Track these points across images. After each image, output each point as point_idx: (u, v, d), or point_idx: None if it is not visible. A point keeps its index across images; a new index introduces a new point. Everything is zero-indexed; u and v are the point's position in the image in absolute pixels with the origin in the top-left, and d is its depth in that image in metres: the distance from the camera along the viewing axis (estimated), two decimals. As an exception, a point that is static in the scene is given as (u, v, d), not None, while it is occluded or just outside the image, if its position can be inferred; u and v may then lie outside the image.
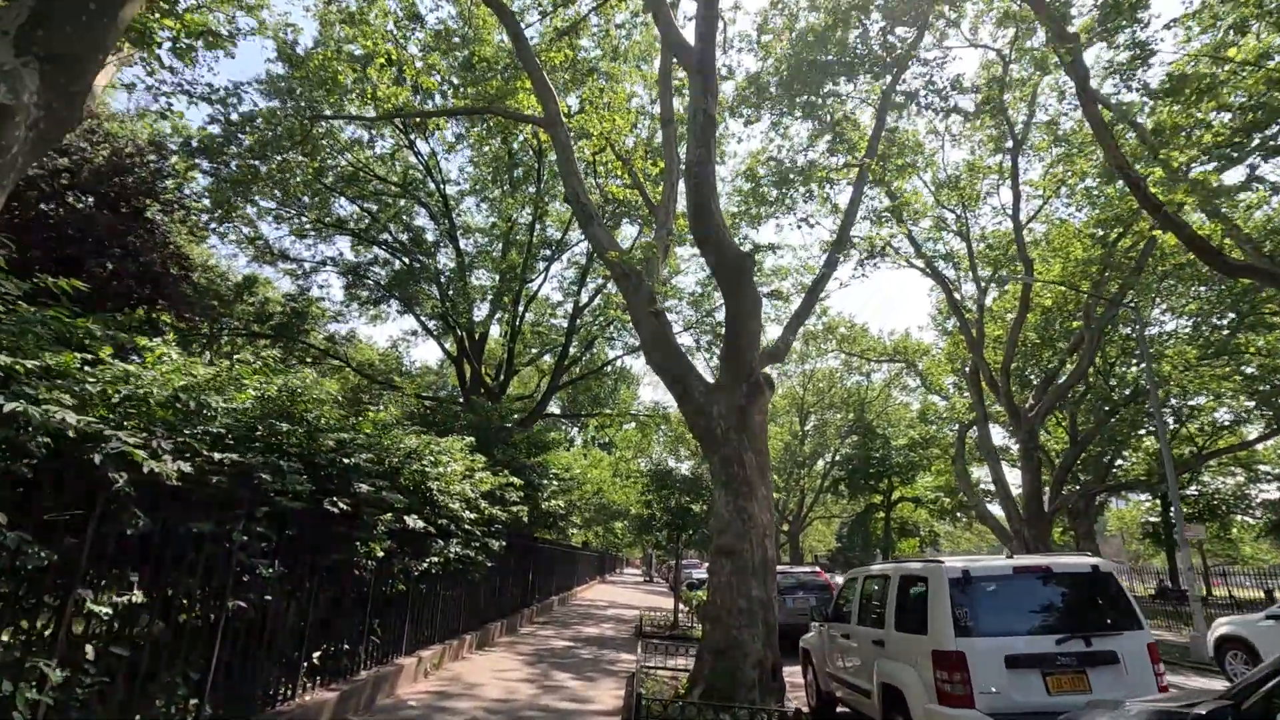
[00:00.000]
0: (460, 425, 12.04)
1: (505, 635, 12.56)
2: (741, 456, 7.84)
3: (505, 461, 11.40)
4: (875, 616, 6.18)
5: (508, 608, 13.44)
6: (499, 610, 12.70)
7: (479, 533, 9.53)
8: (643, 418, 28.98)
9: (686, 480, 15.51)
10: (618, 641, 13.29)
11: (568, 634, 13.98)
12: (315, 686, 5.78)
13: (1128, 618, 4.99)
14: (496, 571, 12.25)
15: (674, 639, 14.08)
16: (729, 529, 7.60)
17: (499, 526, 10.56)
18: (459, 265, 26.22)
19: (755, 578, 7.40)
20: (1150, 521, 41.96)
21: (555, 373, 28.28)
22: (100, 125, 18.49)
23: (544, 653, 11.05)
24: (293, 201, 26.07)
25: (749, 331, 8.25)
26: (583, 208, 10.52)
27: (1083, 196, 21.71)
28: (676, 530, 15.57)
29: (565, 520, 15.14)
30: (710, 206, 8.43)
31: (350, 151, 25.93)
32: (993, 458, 22.38)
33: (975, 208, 23.55)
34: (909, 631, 5.41)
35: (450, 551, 8.41)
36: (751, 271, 8.40)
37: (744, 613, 7.26)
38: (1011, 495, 22.03)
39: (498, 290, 26.07)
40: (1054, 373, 22.46)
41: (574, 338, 28.93)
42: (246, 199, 24.95)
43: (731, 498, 7.72)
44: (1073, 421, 24.84)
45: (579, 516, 28.51)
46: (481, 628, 11.13)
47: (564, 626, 15.40)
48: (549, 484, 12.48)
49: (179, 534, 3.94)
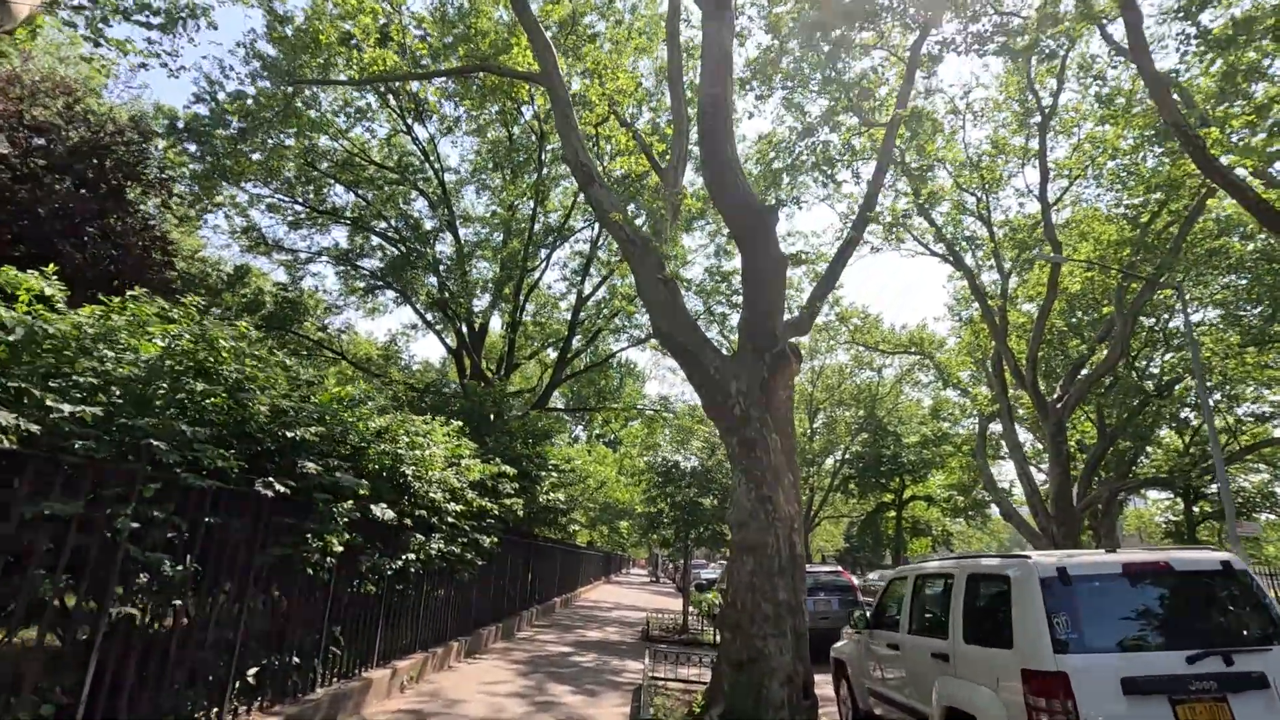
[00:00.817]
0: (452, 410, 11.04)
1: (500, 640, 11.53)
2: (764, 438, 6.79)
3: (499, 450, 10.37)
4: (934, 624, 5.11)
5: (504, 610, 12.42)
6: (494, 613, 11.68)
7: (467, 527, 8.51)
8: (649, 412, 27.94)
9: (695, 474, 14.45)
10: (622, 647, 12.25)
11: (569, 638, 12.94)
12: (251, 709, 4.75)
13: (1276, 629, 3.91)
14: (491, 571, 11.23)
15: (684, 644, 13.03)
16: (751, 522, 6.54)
17: (491, 521, 9.53)
18: (458, 253, 25.25)
19: (782, 578, 6.34)
20: (1172, 520, 40.62)
21: (558, 365, 27.24)
22: (78, 103, 17.48)
23: (541, 661, 10.00)
24: (285, 187, 25.20)
25: (771, 294, 7.20)
26: (582, 168, 9.48)
27: (1112, 177, 20.58)
28: (684, 528, 14.51)
29: (567, 516, 14.10)
30: (727, 151, 7.38)
31: (345, 137, 25.03)
32: (1017, 451, 21.23)
33: (997, 190, 22.44)
34: (984, 644, 4.34)
35: (432, 548, 7.39)
36: (774, 225, 7.34)
37: (769, 619, 6.20)
38: (1038, 490, 20.88)
39: (498, 280, 25.10)
40: (1081, 362, 21.29)
41: (577, 330, 27.93)
42: (237, 183, 24.10)
43: (753, 486, 6.67)
44: (1100, 414, 23.63)
45: (583, 514, 27.47)
46: (472, 632, 10.10)
47: (565, 630, 14.36)
48: (547, 476, 11.43)
49: (25, 519, 2.91)
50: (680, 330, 7.83)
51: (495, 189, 27.02)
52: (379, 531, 6.30)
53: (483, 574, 10.78)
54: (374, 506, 5.80)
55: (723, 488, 14.31)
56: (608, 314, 28.56)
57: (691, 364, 7.59)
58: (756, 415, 6.90)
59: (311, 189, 25.93)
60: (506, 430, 11.73)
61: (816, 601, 11.88)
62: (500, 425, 11.75)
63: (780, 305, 7.29)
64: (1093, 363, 21.20)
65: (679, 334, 7.80)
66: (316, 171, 24.80)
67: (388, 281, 23.68)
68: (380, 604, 6.75)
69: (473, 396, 12.17)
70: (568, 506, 13.96)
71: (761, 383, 6.99)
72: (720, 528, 14.55)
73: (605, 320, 28.50)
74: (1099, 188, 21.29)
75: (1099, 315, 22.05)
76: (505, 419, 11.92)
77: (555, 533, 17.76)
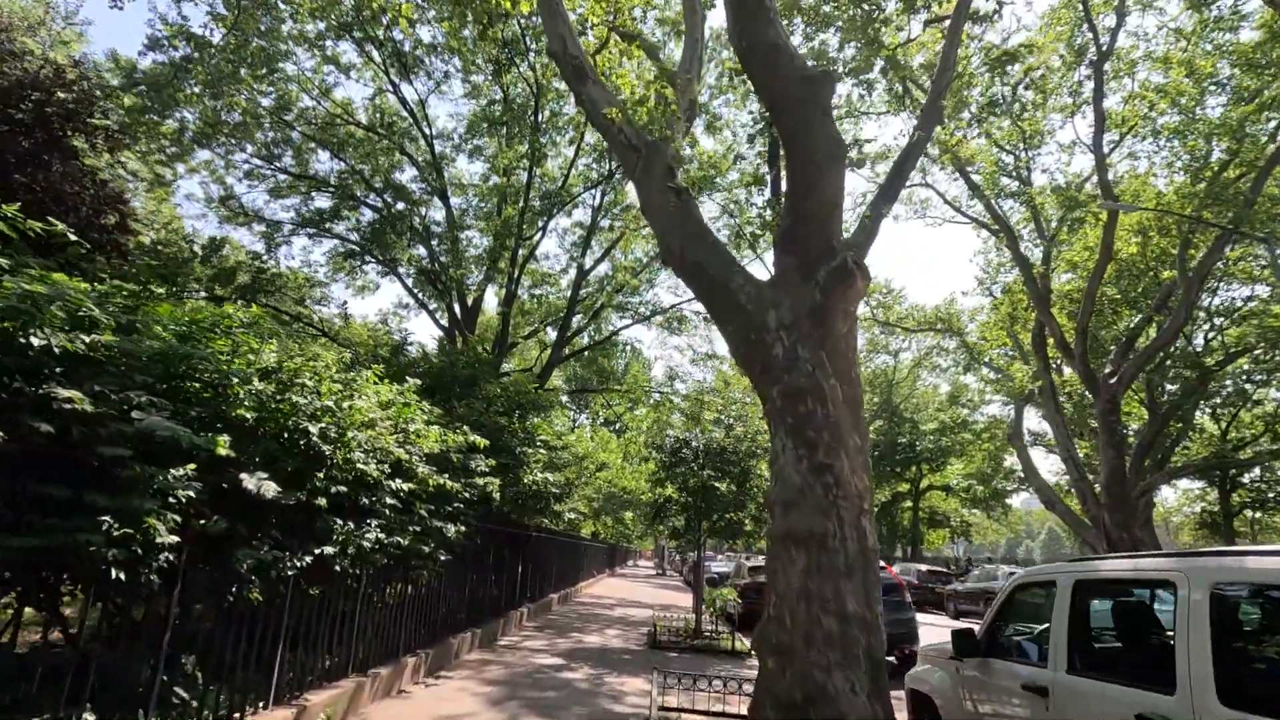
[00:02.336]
0: (418, 373, 9.16)
1: (476, 650, 9.65)
2: (819, 385, 4.81)
3: (471, 420, 8.47)
4: (1128, 662, 3.17)
5: (485, 612, 10.54)
6: (471, 616, 9.81)
7: (424, 512, 6.60)
8: (656, 395, 26.04)
9: (708, 453, 12.51)
10: (625, 656, 10.35)
11: (562, 645, 11.06)
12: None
13: None
14: (465, 566, 9.35)
15: (697, 651, 11.13)
16: (801, 502, 4.57)
17: (460, 506, 7.63)
18: (449, 220, 23.33)
19: (849, 580, 4.37)
20: (1208, 510, 38.47)
21: (557, 344, 25.34)
22: (12, 39, 15.46)
23: (522, 679, 8.10)
24: (263, 151, 23.32)
25: (827, 185, 5.22)
26: (571, 60, 7.49)
27: (1171, 130, 18.45)
28: (696, 516, 12.59)
29: (560, 502, 12.21)
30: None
31: (327, 98, 23.09)
32: (1062, 432, 19.21)
33: (1039, 145, 20.33)
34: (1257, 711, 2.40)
35: (368, 538, 5.48)
36: (828, 99, 5.35)
37: (834, 641, 4.24)
38: (1086, 476, 18.88)
39: (491, 251, 23.17)
40: (1136, 333, 19.20)
41: (578, 307, 26.01)
42: (210, 145, 22.25)
43: (805, 452, 4.69)
44: (1150, 392, 21.55)
45: (583, 502, 25.61)
46: (440, 642, 8.21)
47: (560, 633, 12.48)
48: (534, 453, 9.49)
49: None
50: (697, 248, 5.87)
51: (489, 155, 25.05)
52: (267, 515, 4.39)
53: (454, 570, 8.89)
54: (249, 477, 3.89)
55: (742, 468, 12.37)
56: (611, 289, 26.64)
57: (713, 292, 5.64)
58: (806, 354, 4.93)
59: (291, 153, 24.06)
60: (483, 396, 9.81)
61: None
62: (474, 391, 9.83)
63: (838, 200, 5.31)
64: (1147, 333, 19.15)
65: (695, 252, 5.84)
66: (297, 132, 22.89)
67: (367, 247, 21.76)
68: (281, 617, 4.84)
69: (444, 356, 10.26)
70: (561, 491, 12.05)
71: (813, 309, 5.02)
72: (738, 516, 12.62)
73: (609, 296, 26.58)
74: (1155, 144, 19.15)
75: (1151, 281, 19.95)
76: (481, 383, 10.01)
77: (554, 523, 15.90)
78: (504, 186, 23.35)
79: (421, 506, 6.58)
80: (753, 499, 12.68)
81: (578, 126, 23.57)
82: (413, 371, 9.52)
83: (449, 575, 8.74)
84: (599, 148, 24.12)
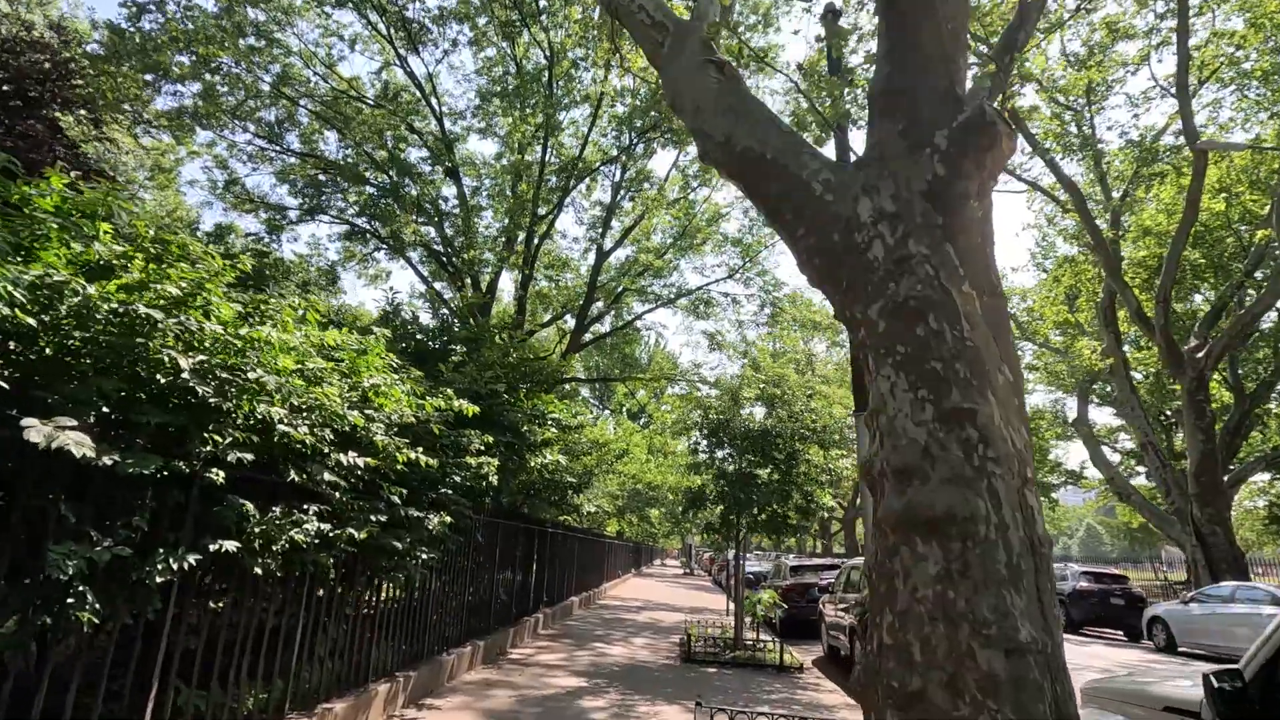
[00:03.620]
0: (406, 344, 7.71)
1: (479, 667, 8.15)
2: (945, 296, 3.14)
3: (459, 386, 6.94)
4: None
5: (491, 620, 9.05)
6: (472, 626, 8.32)
7: (393, 498, 5.10)
8: (684, 382, 24.48)
9: (749, 436, 10.86)
10: (655, 673, 8.78)
11: (583, 658, 9.52)
12: None
13: None
14: (466, 567, 7.86)
15: (739, 667, 9.51)
16: (928, 468, 2.84)
17: (448, 493, 6.13)
18: (460, 196, 21.98)
19: (1016, 590, 2.72)
20: (1277, 504, 35.79)
21: (576, 330, 23.88)
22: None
23: (530, 709, 6.57)
24: (268, 131, 22.24)
25: (954, 8, 3.59)
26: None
27: (1260, 72, 16.38)
28: (734, 508, 10.96)
29: (579, 493, 10.69)
30: None
31: (334, 74, 21.91)
32: (1138, 414, 17.22)
33: (1106, 96, 18.30)
34: None
35: (304, 530, 3.99)
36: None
37: (997, 688, 2.63)
38: (1168, 463, 16.88)
39: (506, 229, 21.79)
40: (1223, 302, 17.13)
41: (597, 291, 24.52)
42: (211, 126, 21.18)
43: (928, 394, 2.98)
44: (1234, 369, 19.31)
45: (606, 499, 24.08)
46: (425, 662, 6.71)
47: (580, 643, 10.96)
48: (543, 431, 7.90)
49: None
50: (749, 130, 4.23)
51: (502, 133, 23.69)
52: (119, 493, 2.91)
53: (450, 571, 7.41)
54: (39, 426, 2.38)
55: (789, 452, 10.71)
56: (634, 272, 25.12)
57: (775, 185, 4.00)
58: (923, 251, 3.27)
59: (298, 136, 22.98)
60: (480, 362, 8.29)
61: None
62: (475, 358, 8.30)
63: (963, 22, 3.68)
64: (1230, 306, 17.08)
65: (747, 135, 4.19)
66: (303, 111, 21.76)
67: (371, 224, 20.47)
68: (156, 641, 3.34)
69: (440, 321, 8.74)
70: (579, 481, 10.52)
71: (931, 187, 3.36)
72: (782, 509, 10.96)
73: (630, 280, 25.05)
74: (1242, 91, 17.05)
75: (1236, 245, 17.84)
76: (481, 349, 8.48)
77: (574, 517, 14.39)
78: (518, 163, 21.94)
79: (391, 491, 5.07)
80: (798, 487, 11.02)
81: (592, 99, 22.11)
82: (403, 341, 8.09)
83: (442, 577, 7.25)
84: (618, 119, 22.59)
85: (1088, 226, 16.86)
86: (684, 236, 25.12)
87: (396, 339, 8.28)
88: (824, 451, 11.12)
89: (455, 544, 6.86)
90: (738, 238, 25.76)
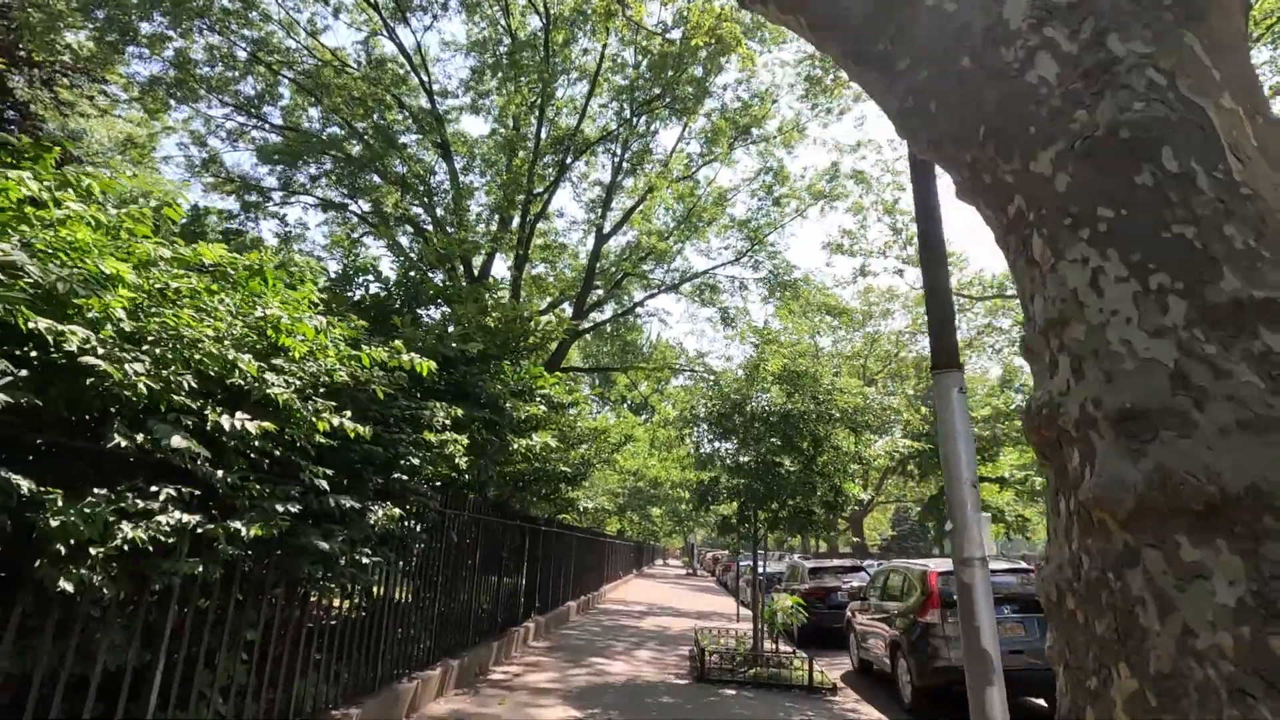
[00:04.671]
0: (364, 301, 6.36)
1: (449, 693, 6.76)
2: (1195, 119, 1.77)
3: (420, 346, 5.55)
4: None
5: (470, 634, 7.69)
6: (451, 640, 6.95)
7: (318, 483, 3.72)
8: (690, 368, 23.15)
9: (769, 420, 9.48)
10: (665, 698, 7.40)
11: (578, 678, 8.16)
12: None
13: None
14: (440, 571, 6.50)
15: (761, 686, 8.13)
16: (1199, 408, 1.52)
17: (402, 478, 4.76)
18: (451, 173, 20.62)
19: None
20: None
21: (575, 316, 22.51)
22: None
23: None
24: (248, 104, 20.92)
25: None
26: None
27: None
28: (753, 503, 9.58)
29: (574, 486, 9.33)
30: None
31: (319, 43, 20.54)
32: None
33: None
34: None
35: (150, 526, 2.62)
36: None
37: None
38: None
39: (499, 205, 20.45)
40: None
41: (597, 277, 23.18)
42: (186, 99, 19.82)
43: (1174, 280, 1.61)
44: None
45: (607, 497, 22.71)
46: (376, 694, 5.32)
47: (576, 657, 9.59)
48: (529, 408, 6.47)
49: None
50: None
51: (494, 111, 22.35)
52: None
53: (421, 578, 6.04)
54: None
55: (814, 438, 9.32)
56: (636, 257, 23.79)
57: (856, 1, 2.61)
58: (1138, 49, 1.85)
59: (279, 109, 21.68)
60: (451, 318, 6.89)
61: (1003, 624, 6.90)
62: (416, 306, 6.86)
63: None
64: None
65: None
66: (285, 85, 20.43)
67: (349, 195, 19.11)
68: None
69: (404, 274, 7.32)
70: (575, 472, 9.15)
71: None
72: (808, 503, 9.58)
73: (632, 264, 23.70)
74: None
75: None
76: (453, 305, 7.08)
77: (569, 513, 13.03)
78: (512, 137, 20.58)
79: (313, 472, 3.70)
80: (824, 478, 9.64)
81: (589, 73, 20.79)
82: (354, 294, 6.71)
83: (406, 584, 5.88)
84: (617, 90, 21.23)
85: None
86: (688, 219, 23.79)
87: (338, 288, 6.86)
88: (855, 436, 9.76)
89: (420, 543, 5.51)
90: (745, 219, 24.44)
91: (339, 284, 7.28)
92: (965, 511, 4.14)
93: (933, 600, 7.18)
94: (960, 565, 4.06)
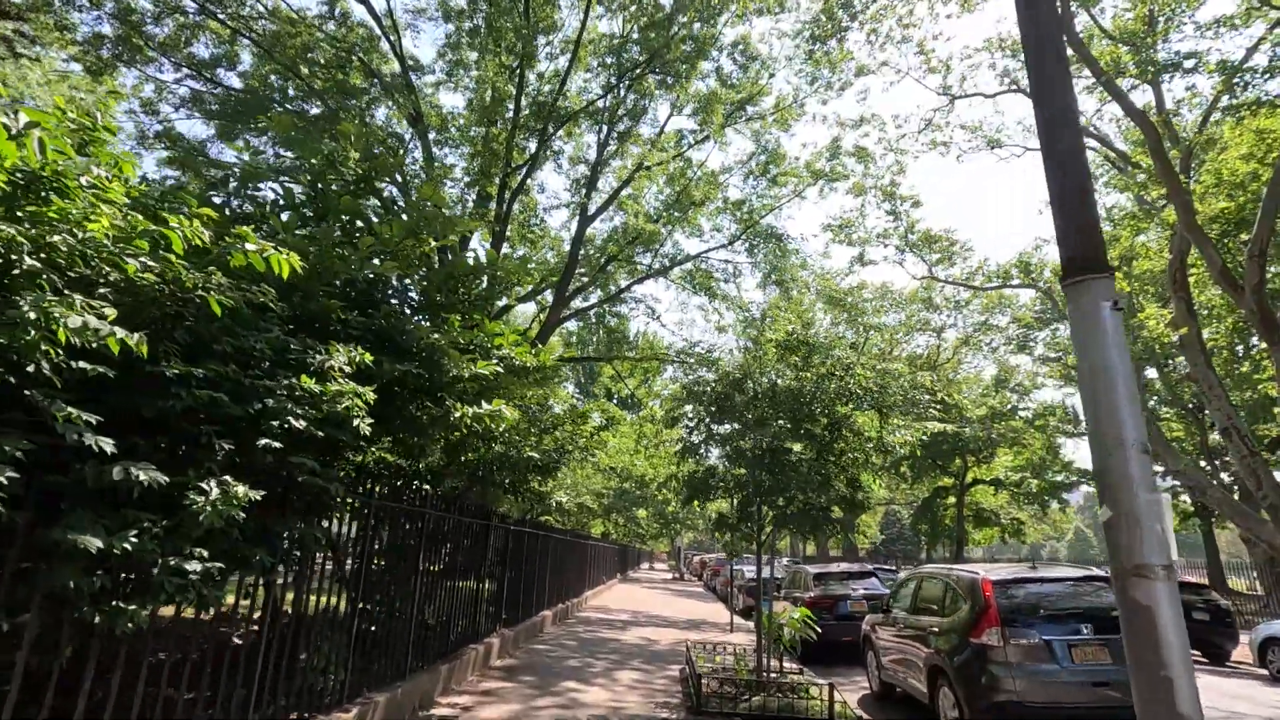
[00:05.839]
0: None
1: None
2: None
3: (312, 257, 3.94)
4: None
5: (410, 658, 6.11)
6: (376, 669, 5.37)
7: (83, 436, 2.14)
8: (680, 359, 21.65)
9: (776, 398, 7.96)
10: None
11: (543, 712, 6.60)
12: None
13: None
14: (362, 578, 4.94)
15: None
16: None
17: (270, 444, 3.19)
18: (424, 147, 19.01)
19: None
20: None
21: (556, 303, 20.91)
22: None
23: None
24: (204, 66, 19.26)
25: None
26: None
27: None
28: (758, 497, 8.06)
29: (546, 476, 7.78)
30: None
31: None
32: (1218, 392, 14.51)
33: (1169, 32, 15.62)
34: None
35: None
36: None
37: None
38: (1257, 452, 14.20)
39: (476, 179, 18.88)
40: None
41: (580, 262, 21.63)
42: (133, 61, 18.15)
43: None
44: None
45: (590, 496, 21.09)
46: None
47: (545, 681, 8.02)
48: (481, 366, 4.85)
49: None
50: None
51: (471, 86, 20.78)
52: None
53: (328, 591, 4.48)
54: None
55: (831, 421, 7.80)
56: (623, 241, 22.27)
57: None
58: None
59: (237, 74, 20.03)
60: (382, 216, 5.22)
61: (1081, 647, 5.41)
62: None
63: None
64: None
65: None
66: (244, 38, 18.69)
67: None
68: None
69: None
70: (545, 461, 7.61)
71: None
72: (822, 499, 8.06)
73: (618, 248, 22.18)
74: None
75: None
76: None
77: (538, 509, 11.51)
78: (490, 105, 19.01)
79: (70, 416, 2.15)
80: (841, 469, 8.14)
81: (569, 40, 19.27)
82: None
83: (296, 599, 4.32)
84: (605, 50, 19.70)
85: (1162, 170, 14.13)
86: (678, 202, 22.29)
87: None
88: (882, 420, 8.27)
89: (312, 541, 3.95)
90: (740, 200, 22.99)
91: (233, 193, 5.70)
92: (1131, 492, 2.63)
93: (989, 617, 5.68)
94: (1129, 577, 2.55)
